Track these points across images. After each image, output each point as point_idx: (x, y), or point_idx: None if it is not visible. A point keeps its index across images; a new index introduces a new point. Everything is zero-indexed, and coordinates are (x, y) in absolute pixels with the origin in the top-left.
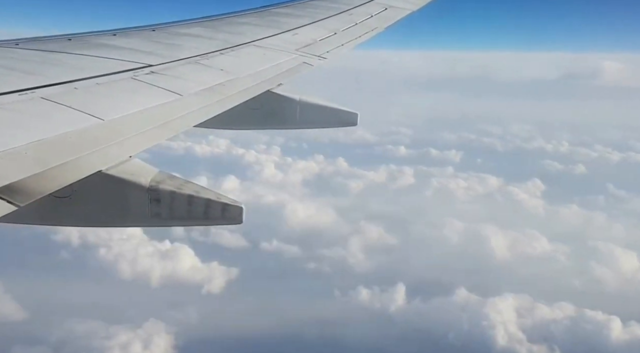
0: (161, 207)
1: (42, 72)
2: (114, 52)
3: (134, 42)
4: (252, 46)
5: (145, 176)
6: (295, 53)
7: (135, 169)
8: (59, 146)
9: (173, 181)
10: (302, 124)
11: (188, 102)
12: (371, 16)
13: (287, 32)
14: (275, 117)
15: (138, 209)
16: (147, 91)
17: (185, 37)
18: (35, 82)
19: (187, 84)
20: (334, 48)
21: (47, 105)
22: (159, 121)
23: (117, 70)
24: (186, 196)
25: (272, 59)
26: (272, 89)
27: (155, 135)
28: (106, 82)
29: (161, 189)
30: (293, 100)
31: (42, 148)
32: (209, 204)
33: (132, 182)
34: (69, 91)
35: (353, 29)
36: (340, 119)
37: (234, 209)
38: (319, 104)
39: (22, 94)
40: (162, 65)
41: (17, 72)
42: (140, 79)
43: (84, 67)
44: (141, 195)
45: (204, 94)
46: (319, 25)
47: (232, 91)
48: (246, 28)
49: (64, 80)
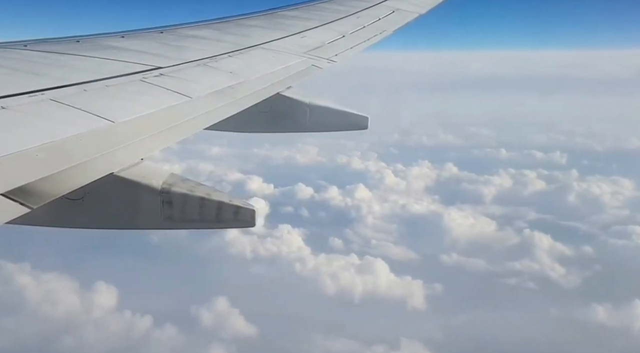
0: (173, 209)
1: (51, 74)
2: (123, 54)
3: (142, 44)
4: (261, 49)
5: (157, 178)
6: (304, 56)
7: (147, 171)
8: (70, 148)
9: (185, 183)
10: (312, 127)
11: (198, 105)
12: (379, 19)
13: (296, 35)
14: (285, 120)
15: (150, 212)
16: (156, 93)
17: (193, 39)
18: (45, 83)
19: (196, 86)
20: (342, 51)
21: (57, 107)
22: (169, 123)
23: (126, 72)
24: (198, 198)
25: (281, 61)
26: (282, 92)
27: (166, 137)
28: (115, 84)
29: (173, 192)
30: (303, 103)
31: (53, 150)
32: (222, 207)
33: (144, 184)
34: (79, 93)
35: (361, 32)
36: (351, 123)
37: (247, 212)
38: (329, 107)
39: (31, 95)
40: (171, 67)
41: (26, 73)
42: (150, 81)
43: (93, 69)
44: (153, 198)
45: (213, 96)
46: (327, 28)
47: (241, 94)
48: (254, 30)
49: (74, 82)
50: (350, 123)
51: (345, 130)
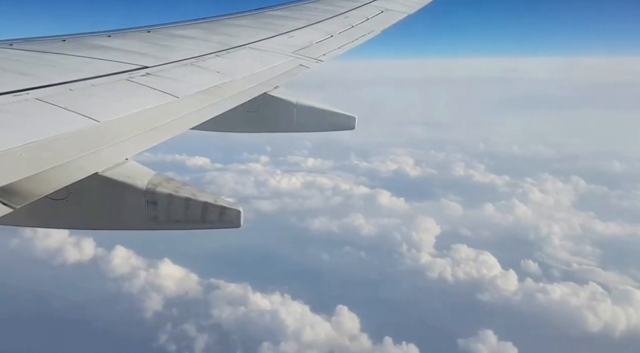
0: (158, 210)
1: (36, 73)
2: (109, 53)
3: (129, 43)
4: (248, 48)
5: (141, 179)
6: (291, 55)
7: (132, 171)
8: (54, 148)
9: (170, 184)
10: (300, 127)
11: (184, 104)
12: (367, 19)
13: (283, 35)
14: (272, 120)
15: (135, 212)
16: (142, 93)
17: (180, 39)
18: (30, 83)
19: (183, 85)
20: (330, 51)
21: (42, 106)
22: (155, 123)
23: (113, 71)
24: (183, 199)
25: (268, 61)
26: (269, 92)
27: (152, 137)
28: (101, 84)
29: (158, 192)
30: (290, 102)
31: (37, 149)
32: (207, 207)
33: (128, 184)
34: (64, 92)
35: (350, 32)
36: (339, 123)
37: (232, 212)
38: (317, 107)
39: (16, 94)
40: (158, 66)
41: (11, 72)
42: (136, 80)
43: (79, 68)
44: (138, 198)
45: (200, 96)
46: (315, 27)
47: (228, 93)
48: (242, 30)
49: (59, 81)
50: (337, 123)
51: (332, 130)
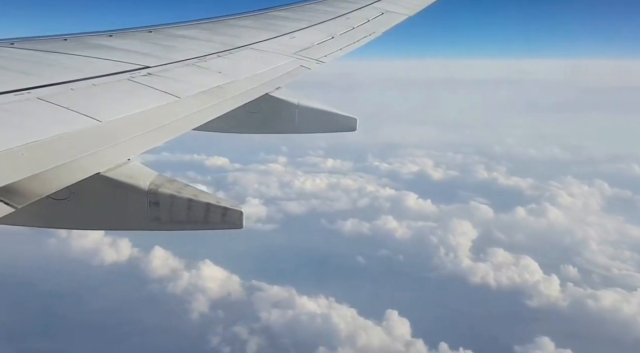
0: (160, 210)
1: (38, 73)
2: (111, 53)
3: (131, 43)
4: (250, 49)
5: (144, 179)
6: (293, 56)
7: (134, 171)
8: (56, 147)
9: (172, 184)
10: (301, 128)
11: (186, 105)
12: (368, 20)
13: (285, 36)
14: (274, 121)
15: (137, 212)
16: (144, 93)
17: (182, 39)
18: (31, 82)
19: (184, 86)
20: (332, 52)
21: (44, 105)
22: (157, 123)
23: (114, 71)
24: (186, 200)
25: (270, 62)
26: (271, 93)
27: (154, 137)
28: (103, 83)
29: (160, 192)
30: (292, 103)
31: (39, 149)
32: (209, 208)
33: (130, 184)
34: (66, 92)
35: (351, 33)
36: (340, 124)
37: (234, 213)
38: (318, 108)
39: (17, 94)
40: (159, 66)
41: (12, 72)
42: (138, 80)
43: (81, 68)
44: (140, 199)
45: (202, 96)
46: (316, 28)
47: (230, 94)
48: (244, 31)
49: (60, 80)
50: (339, 124)
51: (334, 131)
